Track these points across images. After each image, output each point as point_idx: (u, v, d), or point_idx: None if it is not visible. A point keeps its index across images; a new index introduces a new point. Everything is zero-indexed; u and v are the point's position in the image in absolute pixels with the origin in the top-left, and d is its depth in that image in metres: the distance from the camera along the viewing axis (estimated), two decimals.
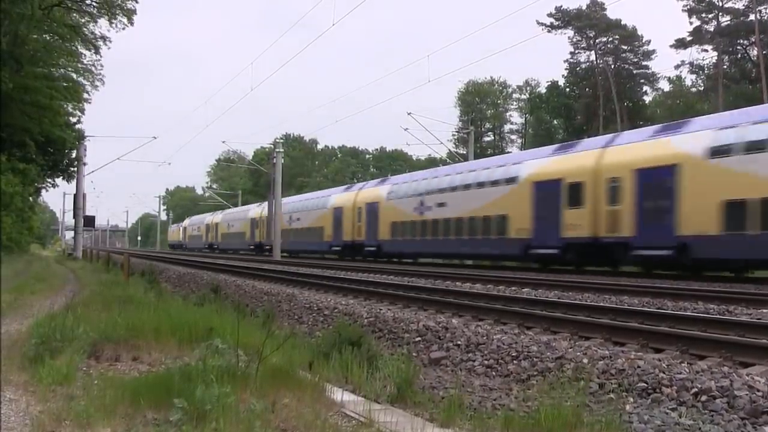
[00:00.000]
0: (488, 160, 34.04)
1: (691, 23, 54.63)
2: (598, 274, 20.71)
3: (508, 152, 64.48)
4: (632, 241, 21.00)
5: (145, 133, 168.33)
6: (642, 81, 62.78)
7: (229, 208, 73.87)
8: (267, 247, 49.52)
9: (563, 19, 61.20)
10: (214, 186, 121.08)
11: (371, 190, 38.84)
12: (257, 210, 56.91)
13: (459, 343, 8.20)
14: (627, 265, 22.81)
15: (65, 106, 40.53)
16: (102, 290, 13.13)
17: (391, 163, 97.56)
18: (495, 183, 27.55)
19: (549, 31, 61.35)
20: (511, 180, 26.58)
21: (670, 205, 19.84)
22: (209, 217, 74.96)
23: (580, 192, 22.91)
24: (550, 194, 24.06)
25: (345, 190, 43.38)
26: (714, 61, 54.79)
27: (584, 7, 60.78)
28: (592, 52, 62.96)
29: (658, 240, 20.00)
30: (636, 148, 21.92)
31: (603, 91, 59.87)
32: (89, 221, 47.78)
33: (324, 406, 4.52)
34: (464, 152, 49.89)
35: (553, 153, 26.42)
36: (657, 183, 20.35)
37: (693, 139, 19.90)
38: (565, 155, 25.21)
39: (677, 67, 58.89)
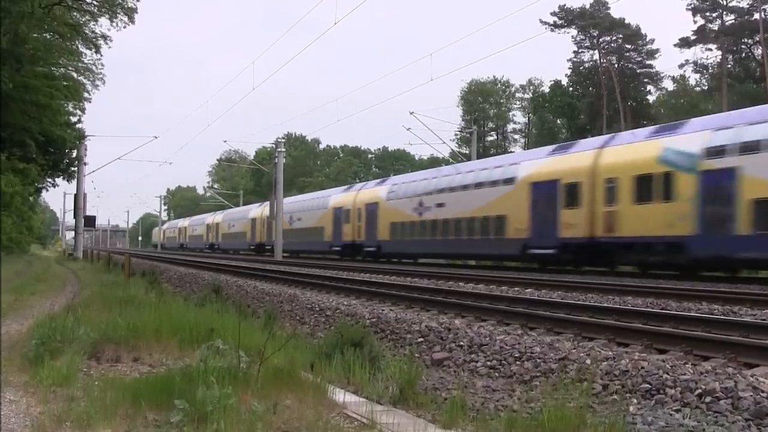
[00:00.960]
0: (315, 193, 52.50)
1: (695, 22, 54.63)
2: (599, 275, 20.70)
3: (511, 152, 64.43)
4: (363, 243, 36.82)
5: (146, 133, 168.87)
6: (646, 80, 62.64)
7: (231, 208, 74.85)
8: (216, 247, 66.69)
9: (566, 18, 61.08)
10: (216, 186, 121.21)
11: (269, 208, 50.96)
12: (212, 218, 72.58)
13: (462, 343, 8.16)
14: (360, 257, 36.93)
15: (65, 105, 40.59)
16: (103, 291, 13.12)
17: (394, 162, 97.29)
18: (316, 207, 44.25)
19: (552, 30, 61.32)
20: (323, 206, 42.98)
21: (375, 224, 35.66)
22: (180, 222, 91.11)
23: (348, 214, 39.04)
24: (341, 214, 40.06)
25: (259, 206, 58.33)
26: (718, 60, 54.73)
27: (588, 6, 60.77)
28: (596, 51, 62.82)
29: (370, 243, 36.00)
30: (368, 192, 38.50)
31: (606, 90, 59.78)
32: (90, 221, 47.75)
33: (326, 407, 4.50)
34: (467, 152, 49.91)
35: (344, 191, 43.03)
36: (371, 211, 36.37)
37: (383, 189, 36.58)
38: (353, 192, 40.76)
39: (681, 66, 58.75)
